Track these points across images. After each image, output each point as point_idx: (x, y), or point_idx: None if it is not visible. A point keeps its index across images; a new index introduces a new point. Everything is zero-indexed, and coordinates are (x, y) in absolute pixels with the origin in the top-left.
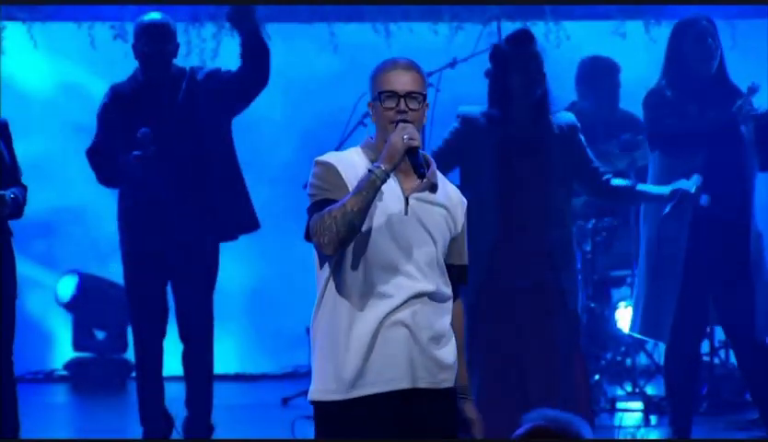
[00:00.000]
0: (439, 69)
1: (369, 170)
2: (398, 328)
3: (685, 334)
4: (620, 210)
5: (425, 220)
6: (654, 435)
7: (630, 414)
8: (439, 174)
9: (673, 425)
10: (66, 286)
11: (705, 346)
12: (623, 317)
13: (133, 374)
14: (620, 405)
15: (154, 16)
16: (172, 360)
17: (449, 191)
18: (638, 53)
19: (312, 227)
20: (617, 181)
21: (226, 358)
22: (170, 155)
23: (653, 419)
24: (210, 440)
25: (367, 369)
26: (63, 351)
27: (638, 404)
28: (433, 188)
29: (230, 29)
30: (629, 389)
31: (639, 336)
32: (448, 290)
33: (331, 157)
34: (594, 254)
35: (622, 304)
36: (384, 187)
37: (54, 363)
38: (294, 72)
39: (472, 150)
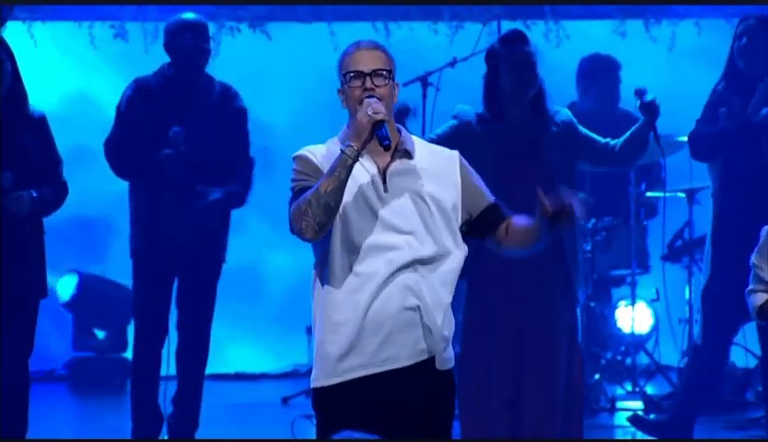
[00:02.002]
0: (439, 68)
1: (341, 150)
2: (389, 307)
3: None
4: (619, 209)
5: (411, 187)
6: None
7: (630, 414)
8: (415, 138)
9: (677, 423)
10: (66, 286)
11: None
12: (623, 316)
13: None
14: (620, 404)
15: (192, 15)
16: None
17: (432, 151)
18: (638, 53)
19: (291, 216)
20: (617, 141)
21: (226, 358)
22: (191, 154)
23: (653, 418)
24: (210, 440)
25: (360, 351)
26: (63, 350)
27: (638, 404)
28: (408, 155)
29: (230, 29)
30: (629, 388)
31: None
32: (452, 247)
33: (304, 150)
34: (593, 253)
35: (622, 303)
36: (361, 170)
37: (54, 362)
38: (294, 72)
39: (468, 151)
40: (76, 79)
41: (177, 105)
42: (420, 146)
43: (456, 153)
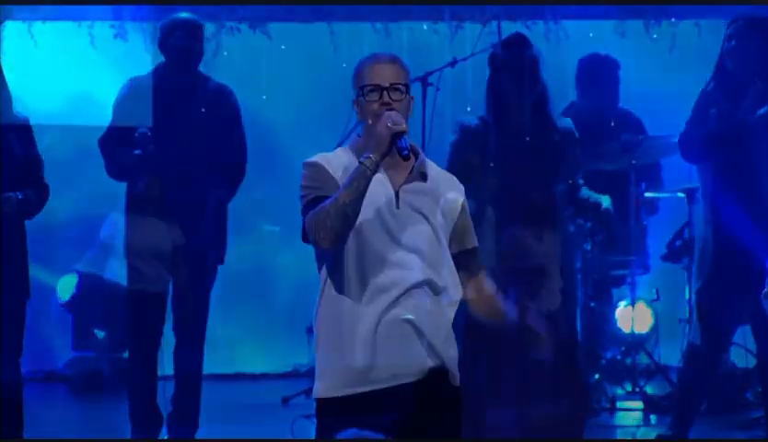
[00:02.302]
0: (439, 68)
1: (360, 162)
2: (398, 322)
3: (714, 334)
4: (620, 209)
5: (421, 209)
6: (654, 434)
7: (630, 414)
8: (431, 163)
9: (675, 423)
10: (66, 286)
11: None
12: (623, 316)
13: None
14: (620, 404)
15: (185, 14)
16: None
17: (444, 178)
18: (638, 53)
19: (308, 225)
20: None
21: (226, 358)
22: (183, 153)
23: (653, 418)
24: (210, 440)
25: (371, 366)
26: (63, 350)
27: (638, 404)
28: (423, 177)
29: (230, 29)
30: (629, 388)
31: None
32: (451, 277)
33: (318, 158)
34: (594, 254)
35: (621, 303)
36: (374, 184)
37: (54, 362)
38: (294, 72)
39: (473, 157)
40: (76, 79)
41: (170, 104)
42: (434, 171)
43: (462, 186)
